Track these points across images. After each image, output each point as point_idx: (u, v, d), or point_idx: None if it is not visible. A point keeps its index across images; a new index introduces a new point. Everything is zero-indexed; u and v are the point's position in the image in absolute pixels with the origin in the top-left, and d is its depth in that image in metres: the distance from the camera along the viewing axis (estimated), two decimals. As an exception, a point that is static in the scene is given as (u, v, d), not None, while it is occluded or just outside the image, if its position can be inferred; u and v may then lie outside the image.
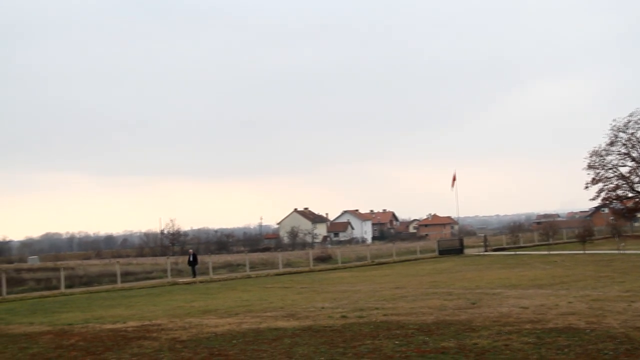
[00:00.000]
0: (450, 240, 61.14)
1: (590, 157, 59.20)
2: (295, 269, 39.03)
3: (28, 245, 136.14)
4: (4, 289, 27.94)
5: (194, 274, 34.60)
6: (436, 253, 49.90)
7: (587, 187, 59.66)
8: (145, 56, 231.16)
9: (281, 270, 38.07)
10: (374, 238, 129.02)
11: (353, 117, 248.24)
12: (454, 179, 55.29)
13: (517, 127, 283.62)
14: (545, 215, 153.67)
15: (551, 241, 53.79)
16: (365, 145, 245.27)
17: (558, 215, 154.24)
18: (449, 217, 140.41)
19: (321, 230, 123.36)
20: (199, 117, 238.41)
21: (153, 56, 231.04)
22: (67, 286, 30.43)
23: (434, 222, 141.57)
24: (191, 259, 35.25)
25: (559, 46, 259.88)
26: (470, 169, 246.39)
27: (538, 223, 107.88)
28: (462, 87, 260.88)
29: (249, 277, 34.33)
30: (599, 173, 59.33)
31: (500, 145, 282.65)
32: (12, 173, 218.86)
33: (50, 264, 61.22)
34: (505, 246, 54.59)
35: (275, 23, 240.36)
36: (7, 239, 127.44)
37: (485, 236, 58.93)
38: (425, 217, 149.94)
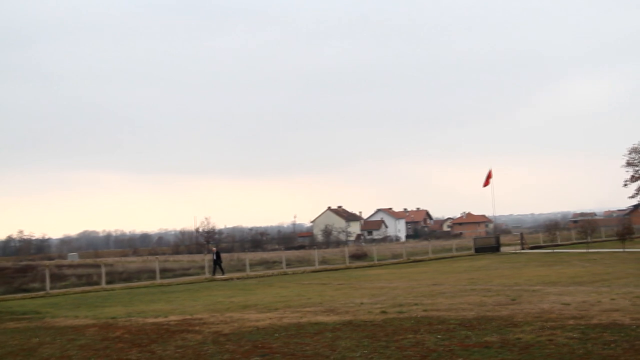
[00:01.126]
0: (486, 238, 60.68)
1: (629, 154, 58.23)
2: (331, 266, 39.13)
3: (66, 243, 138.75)
4: (48, 284, 28.59)
5: (215, 272, 34.42)
6: (472, 251, 49.51)
7: (625, 185, 58.71)
8: (180, 55, 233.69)
9: (317, 267, 38.18)
10: (407, 236, 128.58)
11: (386, 114, 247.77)
12: (489, 177, 54.62)
13: (551, 125, 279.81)
14: (582, 214, 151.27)
15: (589, 239, 52.95)
16: (398, 143, 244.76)
17: (594, 214, 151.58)
18: (483, 216, 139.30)
19: (355, 228, 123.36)
20: (233, 115, 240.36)
21: (189, 55, 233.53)
22: (108, 282, 30.96)
23: (468, 221, 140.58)
24: (214, 257, 35.34)
25: (595, 42, 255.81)
26: (504, 167, 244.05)
27: (574, 222, 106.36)
28: (496, 85, 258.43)
29: (285, 274, 34.51)
30: (638, 170, 58.26)
31: (534, 143, 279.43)
32: (50, 172, 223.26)
33: (89, 261, 62.36)
34: (542, 244, 53.95)
35: (311, 20, 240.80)
36: (46, 237, 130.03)
37: (521, 234, 58.33)
38: (459, 215, 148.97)
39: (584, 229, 57.74)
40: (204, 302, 19.81)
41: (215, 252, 35.82)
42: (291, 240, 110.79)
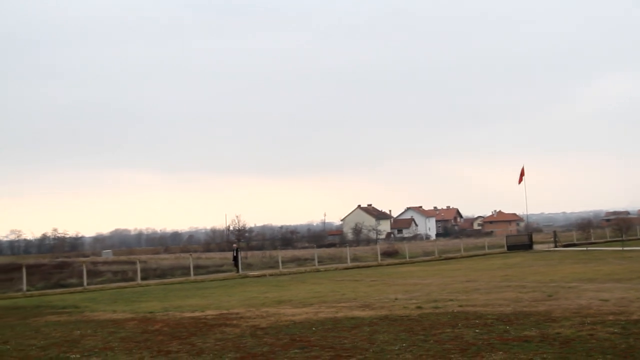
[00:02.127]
0: (518, 236, 60.12)
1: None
2: (363, 264, 39.18)
3: (99, 241, 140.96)
4: (85, 280, 29.13)
5: (238, 269, 34.57)
6: (504, 248, 49.19)
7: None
8: (208, 55, 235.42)
9: (349, 264, 38.29)
10: (437, 235, 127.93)
11: (417, 112, 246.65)
12: (522, 174, 54.12)
13: (583, 122, 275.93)
14: (615, 212, 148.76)
15: (624, 237, 52.19)
16: (427, 141, 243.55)
17: (628, 212, 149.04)
18: (514, 214, 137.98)
19: (385, 226, 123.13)
20: (263, 114, 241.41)
21: (220, 55, 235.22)
22: (143, 278, 31.42)
23: (499, 219, 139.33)
24: (235, 254, 35.51)
25: (628, 38, 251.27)
26: (535, 166, 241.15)
27: (607, 220, 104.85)
28: (526, 82, 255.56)
29: (317, 270, 34.65)
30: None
31: (565, 142, 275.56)
32: (82, 171, 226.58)
33: (123, 258, 63.25)
34: (575, 242, 53.32)
35: (343, 18, 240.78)
36: (80, 235, 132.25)
37: (555, 232, 57.75)
38: (489, 214, 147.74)
39: (618, 226, 57.01)
40: (238, 298, 20.00)
41: (235, 249, 36.12)
42: (321, 238, 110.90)
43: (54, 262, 54.10)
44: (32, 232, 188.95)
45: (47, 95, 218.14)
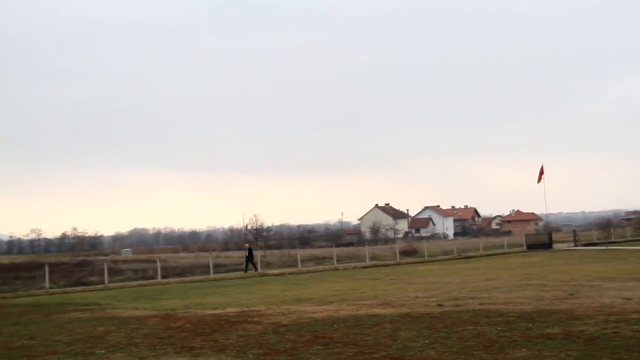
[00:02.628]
0: (538, 235, 59.79)
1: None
2: (381, 262, 39.15)
3: (118, 240, 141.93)
4: (106, 278, 29.40)
5: (248, 269, 34.41)
6: (524, 247, 48.93)
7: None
8: (226, 54, 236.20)
9: (368, 263, 38.31)
10: (455, 234, 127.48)
11: (432, 112, 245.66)
12: (542, 173, 53.76)
13: (600, 122, 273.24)
14: (635, 212, 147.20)
15: (645, 236, 51.72)
16: (444, 140, 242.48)
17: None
18: (532, 214, 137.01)
19: (402, 225, 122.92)
20: (280, 113, 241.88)
21: (235, 53, 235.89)
22: (162, 276, 31.63)
23: (517, 218, 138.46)
24: (247, 253, 35.45)
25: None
26: (553, 165, 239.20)
27: (628, 219, 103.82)
28: (543, 81, 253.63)
29: (336, 269, 34.69)
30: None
31: (583, 140, 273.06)
32: (100, 170, 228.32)
33: (143, 256, 63.69)
34: (595, 241, 52.89)
35: (364, 18, 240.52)
36: (99, 234, 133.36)
37: (574, 231, 57.34)
38: (507, 213, 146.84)
39: (639, 225, 56.42)
40: (258, 296, 20.09)
41: (248, 248, 35.95)
42: (338, 237, 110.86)
43: (74, 261, 54.70)
44: (52, 231, 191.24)
45: (64, 96, 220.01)
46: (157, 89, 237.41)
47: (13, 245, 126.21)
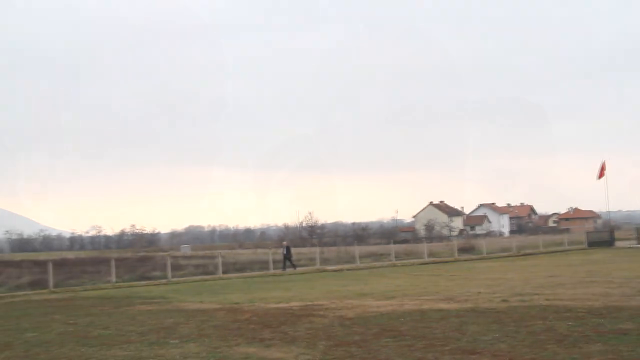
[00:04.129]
0: (599, 232, 58.45)
1: None
2: (440, 259, 39.01)
3: (175, 237, 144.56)
4: (169, 272, 30.10)
5: (285, 267, 34.24)
6: (584, 245, 47.95)
7: None
8: (280, 54, 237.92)
9: (426, 259, 38.20)
10: (511, 232, 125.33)
11: (488, 108, 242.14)
12: (603, 169, 52.44)
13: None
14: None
15: None
16: (500, 137, 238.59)
17: None
18: (591, 211, 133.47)
19: (457, 223, 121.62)
20: (333, 113, 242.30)
21: (288, 53, 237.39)
22: (223, 272, 32.18)
23: (575, 216, 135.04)
24: (284, 251, 35.24)
25: None
26: (613, 161, 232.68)
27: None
28: (605, 75, 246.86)
29: (394, 265, 34.71)
30: None
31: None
32: (154, 169, 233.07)
33: (201, 253, 64.80)
34: (660, 239, 51.28)
35: (429, 17, 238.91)
36: (156, 231, 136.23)
37: (637, 228, 55.70)
38: (565, 211, 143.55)
39: None
40: (320, 290, 20.28)
41: (286, 246, 35.80)
42: (393, 235, 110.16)
43: (136, 256, 56.04)
44: (111, 228, 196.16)
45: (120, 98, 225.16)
46: (211, 88, 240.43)
47: (75, 242, 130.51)
